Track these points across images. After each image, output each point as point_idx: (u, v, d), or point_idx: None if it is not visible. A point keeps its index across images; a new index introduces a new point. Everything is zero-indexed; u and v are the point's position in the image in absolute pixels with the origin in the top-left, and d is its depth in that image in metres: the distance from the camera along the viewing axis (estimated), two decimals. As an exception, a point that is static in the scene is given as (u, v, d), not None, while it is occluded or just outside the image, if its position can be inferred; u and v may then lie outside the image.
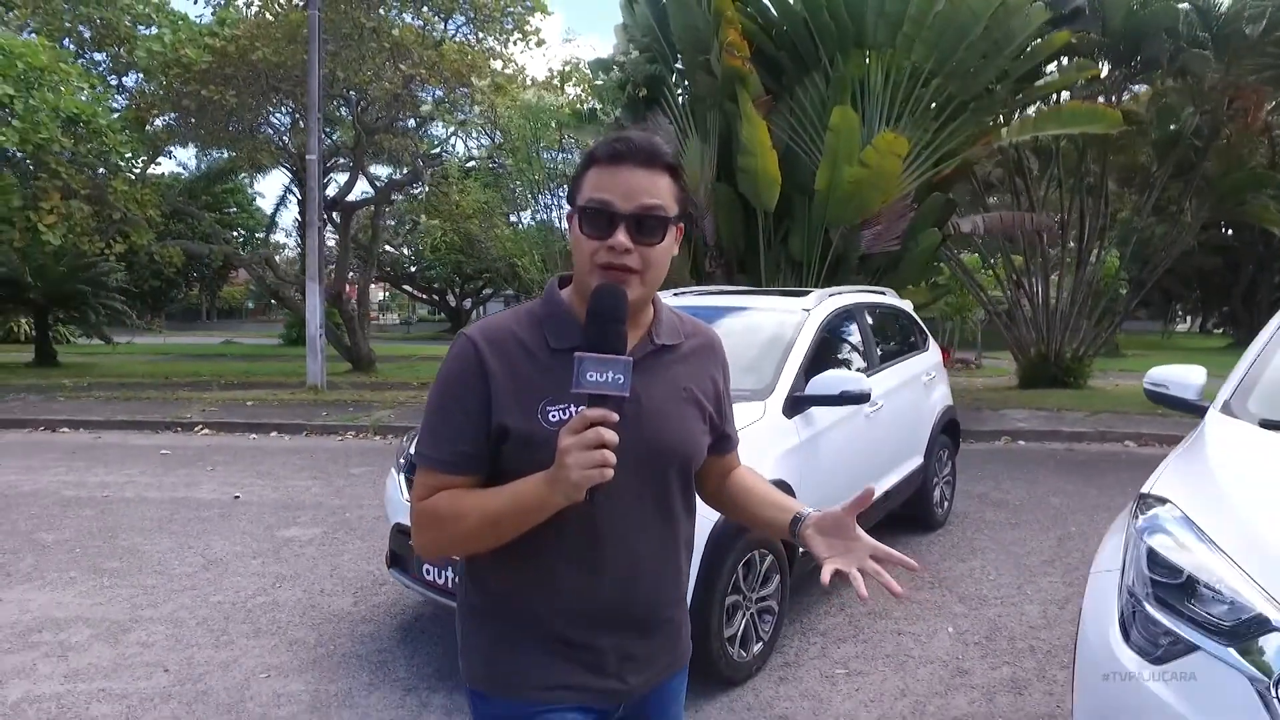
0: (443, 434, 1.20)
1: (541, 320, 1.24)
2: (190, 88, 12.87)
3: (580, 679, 1.24)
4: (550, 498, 1.09)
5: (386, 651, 3.43)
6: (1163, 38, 11.00)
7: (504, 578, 1.25)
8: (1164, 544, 1.77)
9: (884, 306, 4.97)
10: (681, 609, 1.37)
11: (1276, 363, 2.57)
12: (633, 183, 1.14)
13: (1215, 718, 1.51)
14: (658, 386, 1.23)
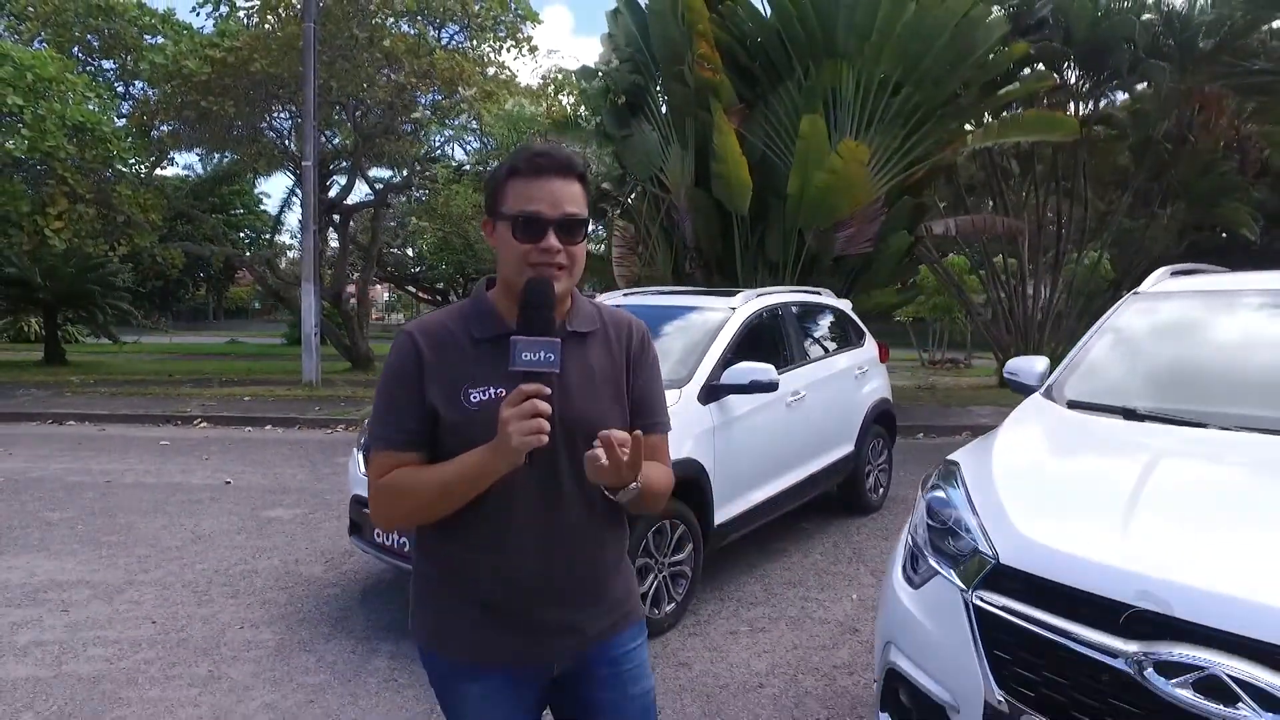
0: (391, 417, 1.37)
1: (468, 315, 1.42)
2: (191, 98, 13.34)
3: (508, 643, 1.39)
4: (495, 464, 1.25)
5: (347, 609, 3.88)
6: (1124, 48, 11.38)
7: (444, 551, 1.41)
8: (936, 499, 2.19)
9: (815, 305, 5.39)
10: (613, 578, 1.48)
11: (1093, 355, 2.99)
12: (556, 192, 1.32)
13: (936, 618, 1.93)
14: (572, 367, 1.37)
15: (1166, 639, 1.54)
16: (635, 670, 1.51)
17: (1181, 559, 1.65)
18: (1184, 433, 2.34)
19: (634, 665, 1.51)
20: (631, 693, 1.51)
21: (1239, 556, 1.65)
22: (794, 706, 3.00)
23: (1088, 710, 1.63)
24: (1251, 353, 2.74)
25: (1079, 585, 1.69)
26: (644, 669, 1.54)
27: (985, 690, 1.78)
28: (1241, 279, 3.28)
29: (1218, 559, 1.64)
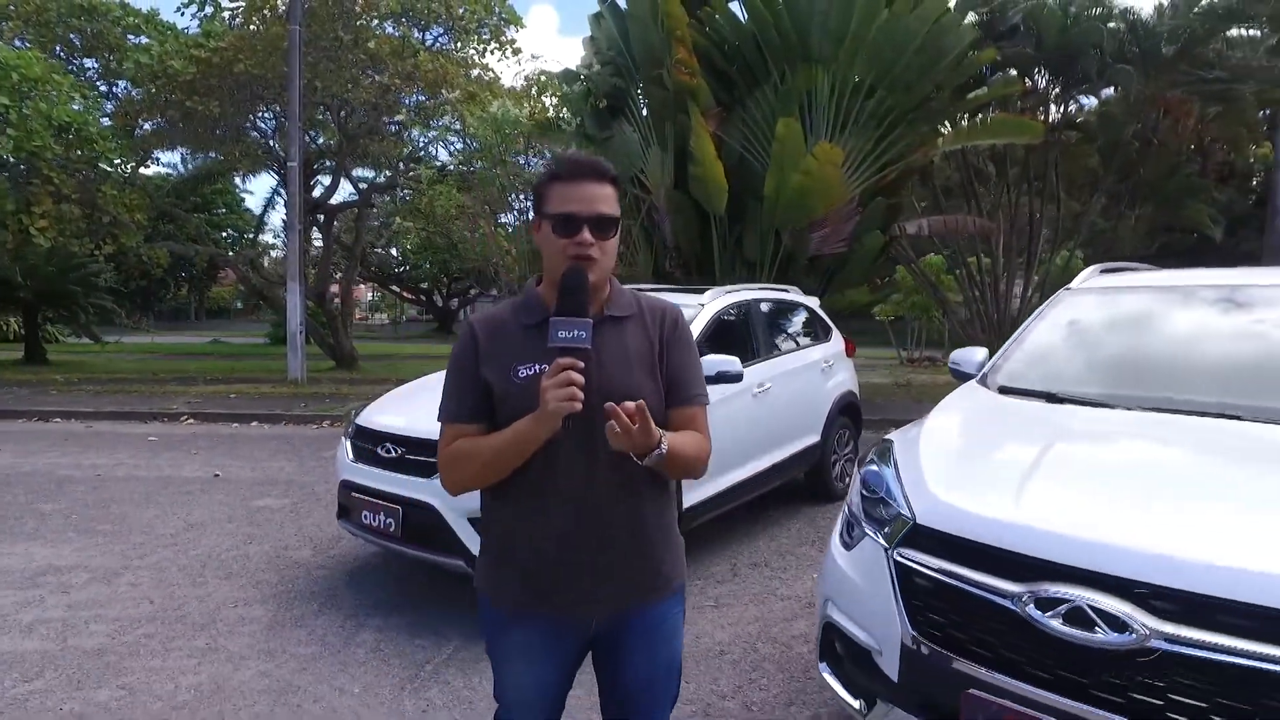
0: (454, 394, 1.62)
1: (518, 306, 1.65)
2: (176, 97, 13.43)
3: (549, 597, 1.58)
4: (537, 430, 1.46)
5: (337, 588, 4.10)
6: (1092, 54, 11.75)
7: (499, 513, 1.64)
8: (870, 472, 2.45)
9: (782, 302, 5.65)
10: (655, 544, 1.64)
11: (1025, 345, 3.26)
12: (590, 194, 1.54)
13: (865, 575, 2.19)
14: (609, 347, 1.57)
15: (1044, 580, 1.80)
16: (670, 635, 1.70)
17: (1059, 514, 1.92)
18: (1090, 413, 2.61)
19: (671, 630, 1.70)
20: (661, 656, 1.70)
21: (1105, 510, 1.92)
22: (751, 670, 3.26)
23: (983, 643, 1.89)
24: (1161, 342, 3.03)
25: (979, 539, 1.95)
26: (677, 629, 1.72)
27: (902, 633, 2.04)
28: (1162, 277, 3.58)
29: (1088, 512, 1.91)
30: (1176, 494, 2.01)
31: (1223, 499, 1.93)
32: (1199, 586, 1.65)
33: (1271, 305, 2.96)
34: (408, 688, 3.09)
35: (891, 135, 10.75)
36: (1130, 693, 1.68)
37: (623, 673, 1.69)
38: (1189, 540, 1.75)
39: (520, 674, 1.66)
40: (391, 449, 3.76)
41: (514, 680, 1.67)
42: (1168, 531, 1.80)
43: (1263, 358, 2.71)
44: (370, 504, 3.74)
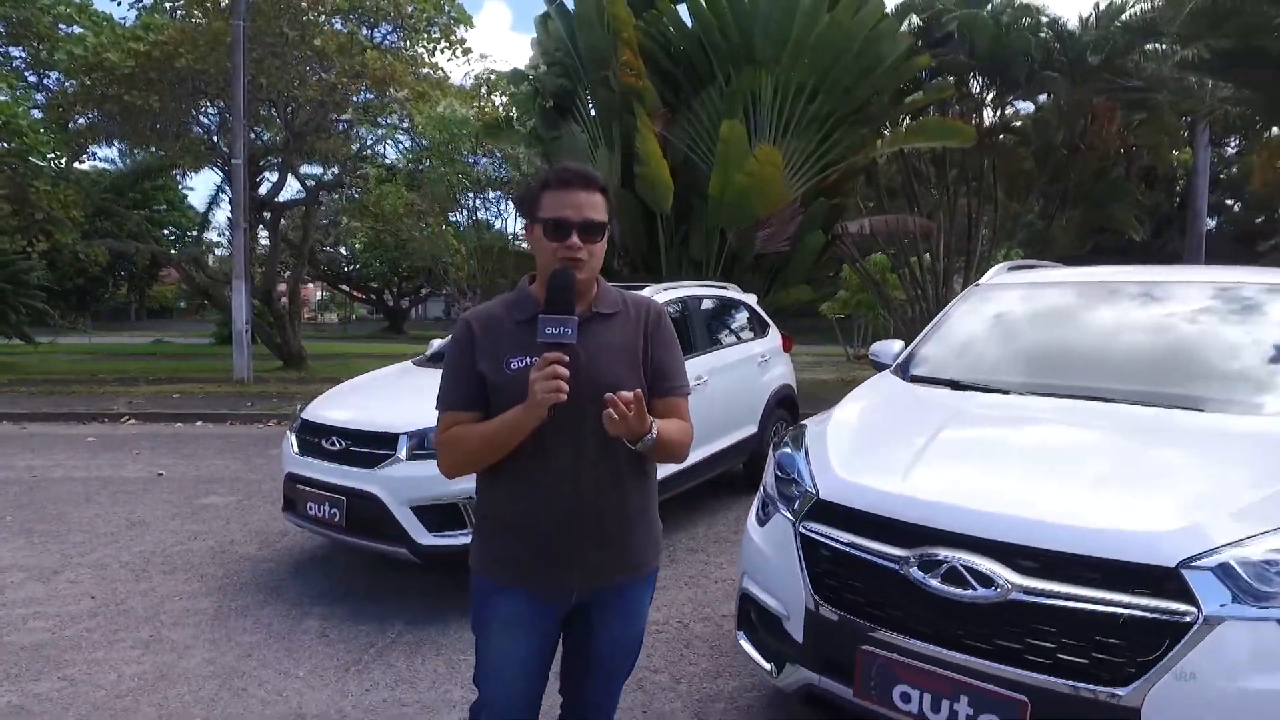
0: (451, 384, 1.74)
1: (511, 303, 1.78)
2: (113, 91, 13.09)
3: (534, 571, 1.72)
4: (526, 419, 1.58)
5: (281, 580, 4.16)
6: (1022, 61, 12.27)
7: (491, 494, 1.77)
8: (783, 454, 2.65)
9: (721, 299, 5.86)
10: (635, 528, 1.77)
11: (936, 336, 3.51)
12: (580, 201, 1.65)
13: (775, 548, 2.39)
14: (595, 342, 1.70)
15: (927, 545, 2.01)
16: (636, 615, 1.86)
17: (941, 486, 2.14)
18: (987, 398, 2.85)
19: (638, 610, 1.86)
20: (627, 633, 1.86)
21: (980, 482, 2.15)
22: (683, 646, 3.45)
23: (875, 604, 2.10)
24: (1054, 333, 3.30)
25: (871, 510, 2.16)
26: (643, 617, 1.88)
27: (806, 599, 2.24)
28: (1063, 274, 3.87)
29: (965, 484, 2.14)
30: (1043, 467, 2.25)
31: (1082, 470, 2.17)
32: (1052, 544, 1.87)
33: (1151, 299, 3.26)
34: (352, 669, 3.19)
35: (833, 137, 11.08)
36: (996, 639, 1.90)
37: (590, 644, 1.84)
38: (1046, 506, 1.98)
39: (505, 645, 1.77)
40: (336, 442, 3.85)
41: (499, 651, 1.78)
42: (1030, 499, 2.03)
43: (1137, 346, 2.99)
44: (315, 495, 3.83)
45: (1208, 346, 2.90)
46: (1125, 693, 1.75)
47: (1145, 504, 1.96)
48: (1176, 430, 2.39)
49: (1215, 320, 3.02)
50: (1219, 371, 2.75)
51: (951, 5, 13.06)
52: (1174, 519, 1.87)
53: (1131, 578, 1.80)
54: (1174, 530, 1.83)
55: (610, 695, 1.95)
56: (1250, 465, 2.13)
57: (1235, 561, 1.76)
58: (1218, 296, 3.15)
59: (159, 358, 20.71)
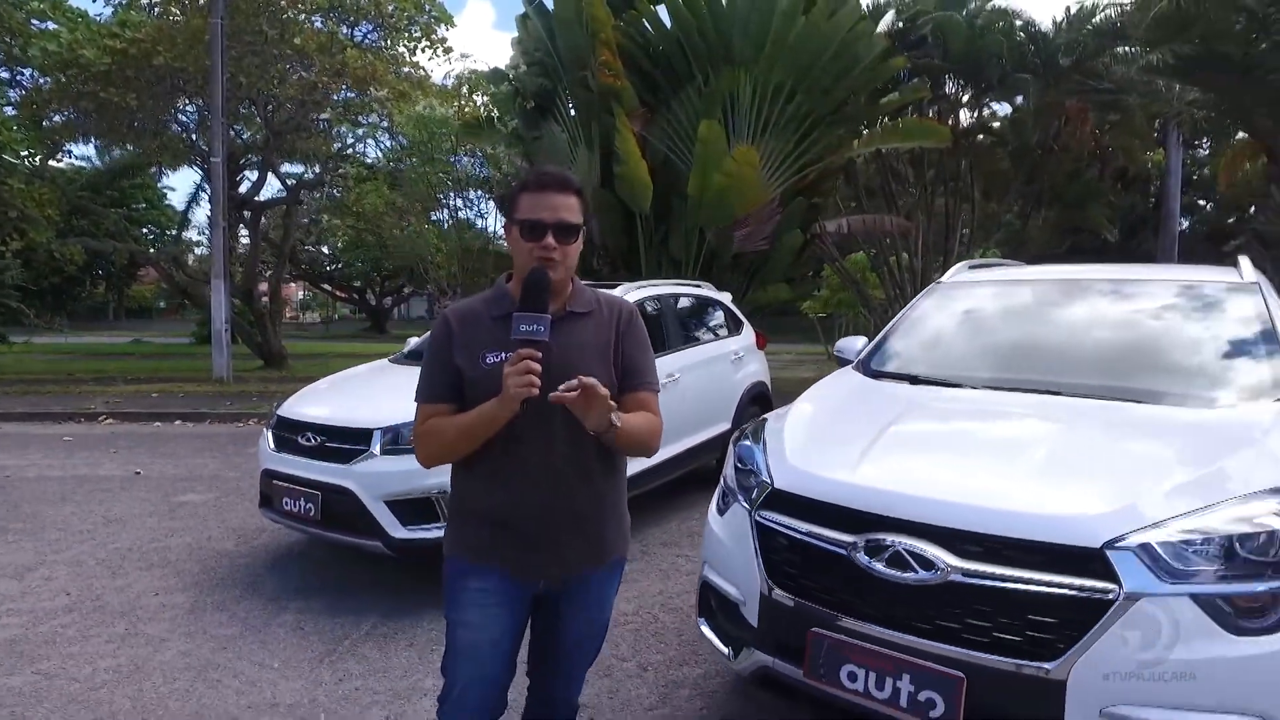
0: (429, 378, 1.83)
1: (489, 299, 1.85)
2: (89, 88, 12.98)
3: (505, 552, 1.80)
4: (499, 412, 1.66)
5: (258, 575, 4.21)
6: (995, 63, 12.47)
7: (467, 483, 1.85)
8: (743, 447, 2.73)
9: (695, 297, 5.95)
10: (603, 520, 1.86)
11: (897, 332, 3.62)
12: (555, 203, 1.73)
13: (733, 536, 2.48)
14: (568, 340, 1.77)
15: (873, 530, 2.11)
16: (603, 602, 1.94)
17: (888, 475, 2.24)
18: (942, 391, 2.96)
19: (604, 598, 1.94)
20: (593, 620, 1.94)
21: (925, 471, 2.25)
22: (651, 636, 3.53)
23: (825, 588, 2.19)
24: (1010, 329, 3.41)
25: (822, 498, 2.26)
26: (610, 604, 1.96)
27: (761, 584, 2.33)
28: (1020, 272, 4.00)
29: (911, 473, 2.24)
30: (988, 456, 2.36)
31: (1023, 459, 2.27)
32: (987, 528, 1.98)
33: (1102, 297, 3.38)
34: (326, 660, 3.26)
35: (810, 137, 11.21)
36: (936, 620, 2.00)
37: (557, 630, 1.92)
38: (985, 493, 2.09)
39: (475, 622, 1.82)
40: (312, 437, 3.91)
41: (471, 629, 1.83)
42: (970, 486, 2.13)
43: (1087, 342, 3.11)
44: (291, 491, 3.88)
45: (1152, 342, 3.03)
46: (1053, 667, 1.85)
47: (1077, 490, 2.06)
48: (1118, 422, 2.50)
49: (1159, 317, 3.15)
50: (1161, 366, 2.87)
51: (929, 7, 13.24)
52: (1102, 504, 1.97)
53: (1060, 559, 1.90)
54: (1100, 514, 1.94)
55: (575, 679, 2.04)
56: (1180, 453, 2.24)
57: (1155, 542, 1.87)
58: (1163, 295, 3.28)
59: (137, 357, 20.54)
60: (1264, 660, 1.77)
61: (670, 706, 2.94)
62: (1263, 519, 1.89)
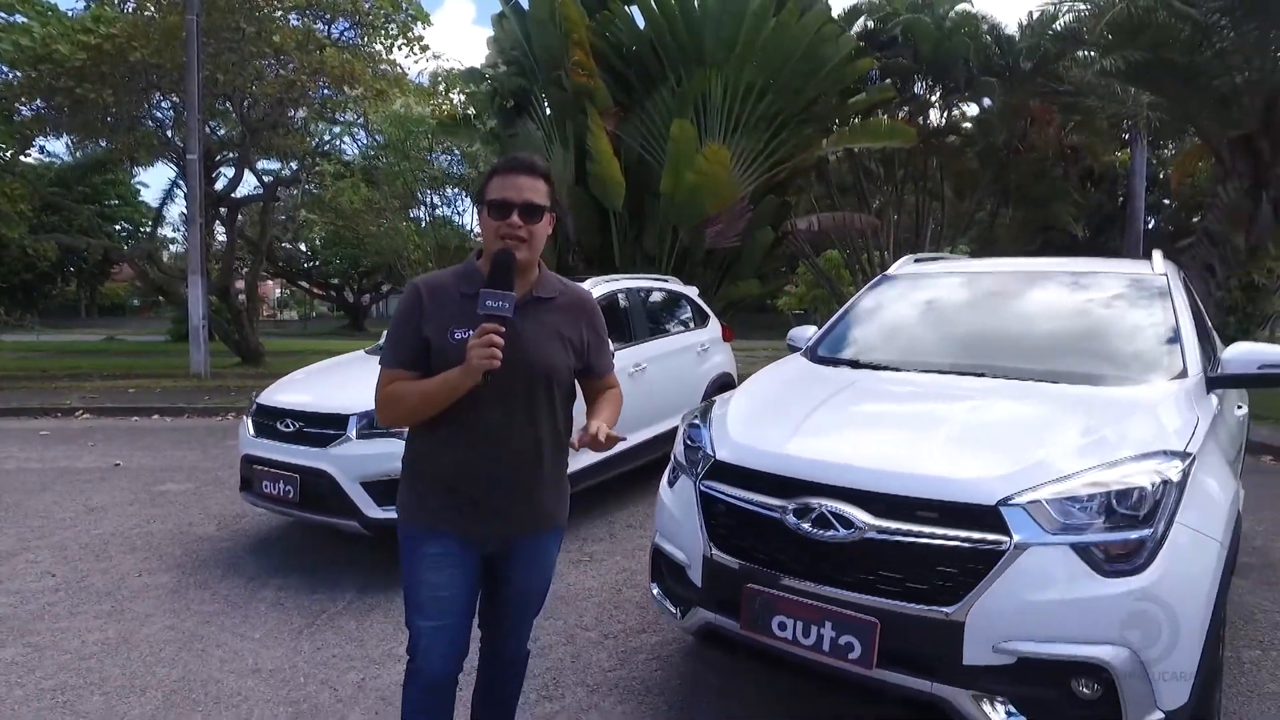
0: (396, 344, 1.92)
1: (459, 275, 1.96)
2: (63, 84, 12.95)
3: (458, 518, 1.94)
4: (462, 380, 1.77)
5: (239, 557, 4.39)
6: (961, 65, 12.82)
7: (425, 449, 1.96)
8: (692, 426, 2.96)
9: (662, 291, 6.19)
10: (548, 490, 2.01)
11: (844, 321, 3.87)
12: (521, 185, 1.85)
13: (680, 506, 2.71)
14: (533, 324, 1.90)
15: (801, 495, 2.35)
16: (545, 563, 2.11)
17: (815, 446, 2.48)
18: (878, 374, 3.21)
19: (546, 559, 2.11)
20: (536, 578, 2.12)
21: (848, 442, 2.49)
22: (613, 608, 3.76)
23: (759, 548, 2.43)
24: (948, 316, 3.68)
25: (757, 467, 2.49)
26: (551, 564, 2.14)
27: (704, 547, 2.56)
28: (962, 264, 4.27)
29: (836, 444, 2.48)
30: (909, 429, 2.61)
31: (940, 431, 2.52)
32: (899, 490, 2.22)
33: (1029, 287, 3.66)
34: (305, 632, 3.45)
35: (780, 136, 11.50)
36: (855, 572, 2.24)
37: (504, 586, 2.10)
38: (900, 459, 2.33)
39: (434, 581, 1.97)
40: (290, 423, 4.09)
41: (429, 587, 1.97)
42: (888, 454, 2.38)
43: (1012, 328, 3.38)
44: (271, 474, 4.06)
45: (1069, 328, 3.30)
46: (952, 610, 2.10)
47: (981, 456, 2.31)
48: (1029, 398, 2.75)
49: (1078, 306, 3.42)
50: (1075, 350, 3.14)
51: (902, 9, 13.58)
52: (999, 467, 2.22)
53: (961, 515, 2.15)
54: (996, 476, 2.19)
55: (522, 632, 2.24)
56: (1078, 425, 2.49)
57: (1043, 499, 2.13)
58: (1084, 286, 3.56)
59: (112, 355, 20.41)
60: (1129, 597, 2.03)
61: (628, 669, 3.17)
62: (1135, 479, 2.15)
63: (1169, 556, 2.09)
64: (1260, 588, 4.01)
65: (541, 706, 2.88)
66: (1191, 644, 2.09)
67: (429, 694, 2.04)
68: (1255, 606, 3.78)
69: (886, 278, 4.17)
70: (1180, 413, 2.56)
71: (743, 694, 2.96)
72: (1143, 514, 2.12)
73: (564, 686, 3.03)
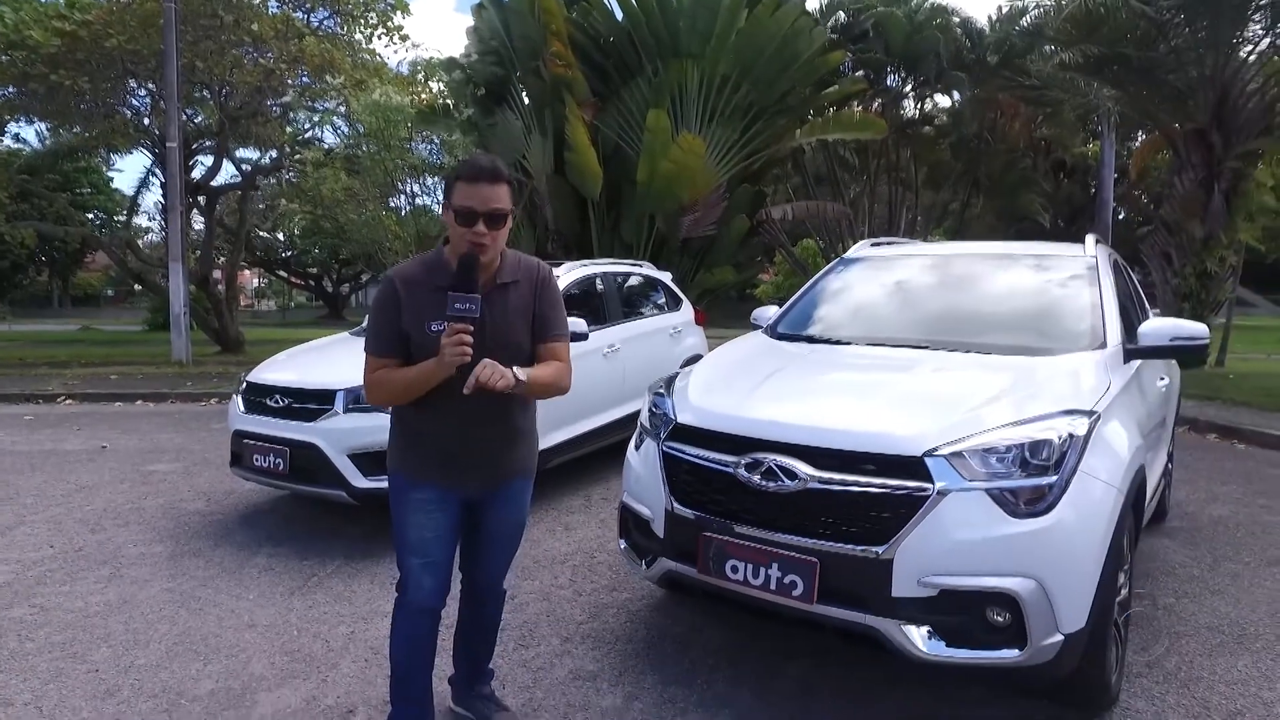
0: (378, 334, 2.17)
1: (431, 267, 2.19)
2: (37, 70, 12.89)
3: (444, 471, 2.24)
4: (438, 371, 2.05)
5: (231, 528, 4.59)
6: (931, 59, 13.13)
7: (415, 417, 2.24)
8: (657, 394, 3.21)
9: (635, 275, 6.43)
10: (518, 444, 2.34)
11: (803, 301, 4.13)
12: (486, 195, 2.06)
13: (645, 465, 2.96)
14: (499, 310, 2.17)
15: (752, 451, 2.61)
16: (519, 502, 2.42)
17: (765, 408, 2.74)
18: (830, 348, 3.48)
19: (521, 499, 2.42)
20: (513, 515, 2.42)
21: (795, 404, 2.76)
22: (587, 570, 4.02)
23: (714, 500, 2.69)
24: (899, 295, 3.95)
25: (714, 427, 2.75)
26: (525, 505, 2.45)
27: (666, 502, 2.82)
28: (915, 247, 4.54)
29: (783, 406, 2.74)
30: (853, 394, 2.88)
31: (880, 395, 2.80)
32: (837, 444, 2.49)
33: (973, 268, 3.95)
34: (297, 593, 3.67)
35: (755, 127, 11.75)
36: (798, 519, 2.50)
37: (482, 525, 2.38)
38: (840, 418, 2.60)
39: (422, 523, 2.26)
40: (279, 400, 4.30)
41: (417, 528, 2.26)
42: (830, 414, 2.64)
43: (955, 305, 3.66)
44: (261, 448, 4.27)
45: (1006, 305, 3.59)
46: (882, 550, 2.37)
47: (912, 415, 2.58)
48: (964, 367, 3.03)
49: (1016, 285, 3.71)
50: (1010, 325, 3.43)
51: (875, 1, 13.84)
52: (926, 424, 2.50)
53: (891, 466, 2.42)
54: (922, 431, 2.46)
55: (500, 570, 2.53)
56: (999, 388, 2.77)
57: (964, 451, 2.40)
58: (1022, 267, 3.85)
59: (89, 344, 20.31)
60: (1036, 535, 2.31)
61: (599, 621, 3.43)
62: (1045, 434, 2.43)
63: (1071, 501, 2.37)
64: (1184, 547, 4.35)
65: (518, 653, 3.13)
66: (1089, 577, 2.38)
67: (417, 622, 2.32)
68: (1177, 563, 4.10)
69: (844, 260, 4.43)
70: (1095, 377, 2.85)
71: (704, 643, 3.22)
72: (1051, 464, 2.39)
73: (539, 637, 3.28)
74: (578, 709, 2.72)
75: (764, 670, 2.98)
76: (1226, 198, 10.26)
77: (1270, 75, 10.13)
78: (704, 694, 2.82)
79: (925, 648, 2.34)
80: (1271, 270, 32.16)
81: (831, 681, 2.89)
